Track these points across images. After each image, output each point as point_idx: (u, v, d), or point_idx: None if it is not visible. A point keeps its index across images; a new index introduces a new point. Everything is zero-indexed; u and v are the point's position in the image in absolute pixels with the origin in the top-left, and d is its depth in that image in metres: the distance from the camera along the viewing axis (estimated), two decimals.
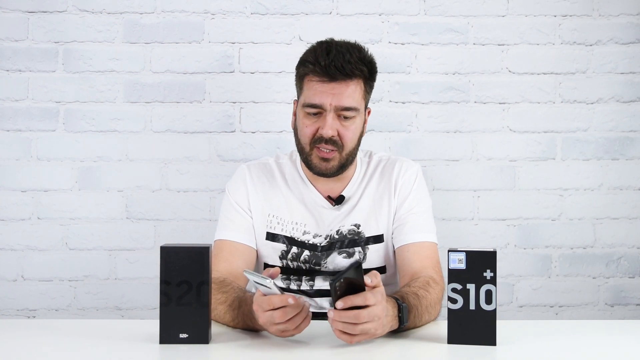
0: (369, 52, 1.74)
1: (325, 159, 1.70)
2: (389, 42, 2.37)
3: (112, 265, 2.35)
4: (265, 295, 1.35)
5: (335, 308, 1.30)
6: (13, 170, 2.34)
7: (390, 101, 2.38)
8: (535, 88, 2.38)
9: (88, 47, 2.35)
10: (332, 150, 1.70)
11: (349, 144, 1.71)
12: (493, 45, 2.38)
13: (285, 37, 2.36)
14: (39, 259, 2.34)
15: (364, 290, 1.32)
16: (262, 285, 1.33)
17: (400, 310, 1.42)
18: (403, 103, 2.38)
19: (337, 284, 1.29)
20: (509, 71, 2.38)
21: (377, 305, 1.32)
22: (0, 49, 2.34)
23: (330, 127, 1.67)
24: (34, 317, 2.34)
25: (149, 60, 2.36)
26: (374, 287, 1.33)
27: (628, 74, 2.38)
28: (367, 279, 1.32)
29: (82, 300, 2.34)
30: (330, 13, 2.37)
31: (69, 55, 2.35)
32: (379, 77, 2.33)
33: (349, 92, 1.68)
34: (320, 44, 1.72)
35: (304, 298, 1.75)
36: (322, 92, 1.67)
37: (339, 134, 1.69)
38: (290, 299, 1.31)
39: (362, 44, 1.74)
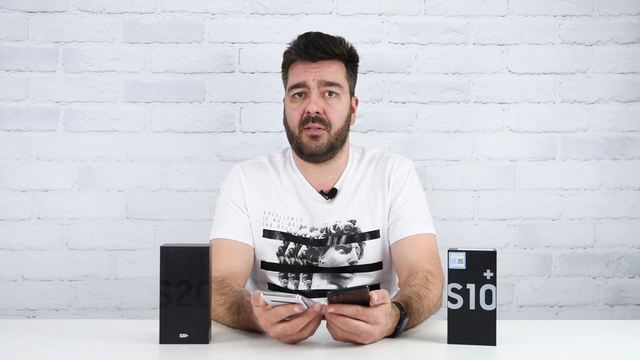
0: (350, 44, 1.82)
1: (314, 137, 1.73)
2: (389, 42, 2.37)
3: (112, 265, 2.35)
4: (268, 305, 1.32)
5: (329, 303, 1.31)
6: (13, 170, 2.34)
7: (390, 101, 2.38)
8: (535, 88, 2.38)
9: (88, 47, 2.35)
10: (320, 129, 1.73)
11: (336, 123, 1.75)
12: (493, 45, 2.38)
13: (285, 37, 2.36)
14: (39, 259, 2.34)
15: (367, 305, 1.31)
16: (285, 302, 1.31)
17: (400, 322, 1.42)
18: (403, 103, 2.38)
19: (334, 297, 1.29)
20: (509, 71, 2.38)
21: (371, 325, 1.32)
22: (0, 49, 2.34)
23: (315, 102, 1.73)
24: (34, 317, 2.34)
25: (149, 60, 2.36)
26: (377, 305, 1.31)
27: (628, 74, 2.38)
28: (375, 295, 1.30)
29: (82, 300, 2.34)
30: (330, 13, 2.37)
31: (69, 55, 2.35)
32: (379, 77, 2.36)
33: (331, 69, 1.75)
34: (300, 35, 1.81)
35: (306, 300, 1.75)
36: (305, 71, 1.75)
37: (325, 112, 1.74)
38: (296, 307, 1.29)
39: (344, 39, 1.82)
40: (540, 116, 2.38)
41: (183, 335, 1.37)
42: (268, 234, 1.78)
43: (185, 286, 1.37)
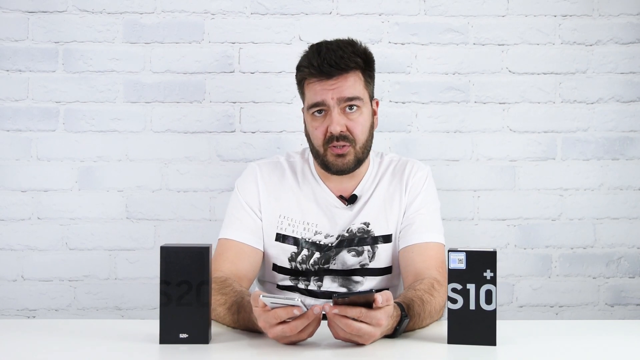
0: (363, 45, 1.75)
1: (341, 155, 1.70)
2: (389, 42, 2.37)
3: (112, 265, 2.35)
4: (267, 307, 1.32)
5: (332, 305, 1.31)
6: (13, 170, 2.34)
7: (390, 101, 2.38)
8: (535, 88, 2.38)
9: (88, 47, 2.35)
10: (346, 146, 1.69)
11: (360, 137, 1.71)
12: (493, 45, 2.38)
13: (285, 37, 2.36)
14: (39, 259, 2.34)
15: (370, 306, 1.31)
16: (284, 305, 1.31)
17: (400, 322, 1.42)
18: (403, 103, 2.38)
19: (339, 300, 1.29)
20: (509, 71, 2.38)
21: (373, 327, 1.32)
22: (0, 49, 2.34)
23: (337, 122, 1.68)
24: (34, 317, 2.34)
25: (149, 60, 2.36)
26: (381, 307, 1.32)
27: (628, 74, 2.38)
28: (379, 298, 1.30)
29: (82, 300, 2.34)
30: (330, 13, 2.37)
31: (69, 55, 2.35)
32: (379, 77, 2.34)
33: (349, 83, 1.69)
34: (311, 46, 1.75)
35: (308, 300, 1.74)
36: (322, 90, 1.69)
37: (348, 129, 1.69)
38: (295, 310, 1.29)
39: (356, 39, 1.75)
40: (540, 116, 2.38)
41: (183, 335, 1.37)
42: (281, 238, 1.76)
43: (185, 286, 1.37)
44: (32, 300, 2.34)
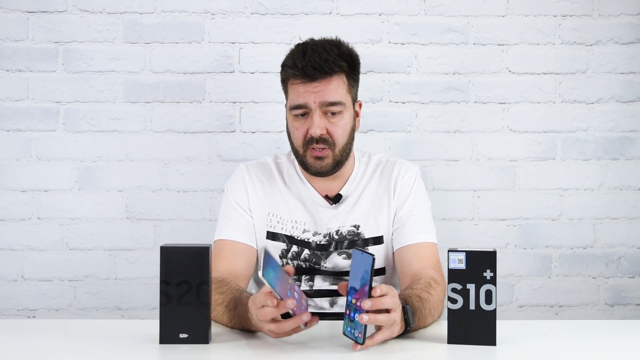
0: (349, 46, 1.74)
1: (319, 158, 1.71)
2: (389, 42, 2.37)
3: (112, 265, 2.35)
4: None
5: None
6: (13, 170, 2.34)
7: (390, 101, 2.38)
8: (535, 88, 2.38)
9: (88, 47, 2.35)
10: (325, 149, 1.70)
11: (340, 140, 1.71)
12: (493, 45, 2.38)
13: (285, 37, 2.36)
14: (39, 259, 2.34)
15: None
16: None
17: (405, 312, 1.42)
18: (403, 103, 2.38)
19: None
20: (509, 71, 2.38)
21: (396, 309, 1.34)
22: (0, 49, 2.34)
23: (317, 126, 1.68)
24: (34, 317, 2.34)
25: (149, 60, 2.36)
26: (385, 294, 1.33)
27: (628, 74, 2.38)
28: (377, 290, 1.31)
29: (82, 300, 2.34)
30: (330, 13, 2.37)
31: (69, 55, 2.35)
32: (379, 77, 2.36)
33: (332, 87, 1.68)
34: (297, 46, 1.74)
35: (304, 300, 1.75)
36: (305, 92, 1.68)
37: (328, 132, 1.70)
38: (289, 301, 1.29)
39: (342, 39, 1.73)
40: (540, 116, 2.38)
41: (183, 335, 1.37)
42: (271, 235, 1.78)
43: (185, 286, 1.37)
44: (32, 300, 2.34)
